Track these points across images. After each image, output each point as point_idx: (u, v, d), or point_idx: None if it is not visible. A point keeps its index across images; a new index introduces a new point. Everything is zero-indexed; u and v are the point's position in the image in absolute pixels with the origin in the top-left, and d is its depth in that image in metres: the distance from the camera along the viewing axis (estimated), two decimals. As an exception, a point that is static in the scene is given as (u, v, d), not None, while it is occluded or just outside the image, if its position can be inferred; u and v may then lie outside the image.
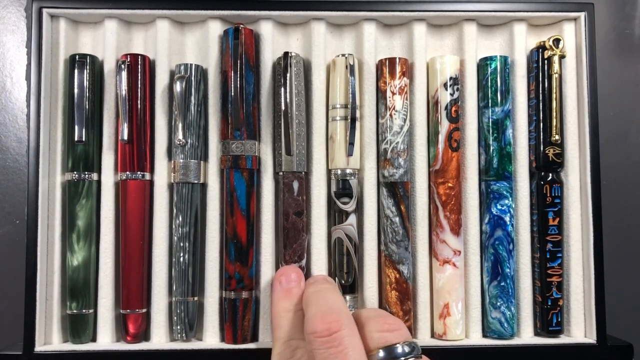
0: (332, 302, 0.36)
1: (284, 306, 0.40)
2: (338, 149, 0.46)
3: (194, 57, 0.48)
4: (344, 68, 0.46)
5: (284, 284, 0.41)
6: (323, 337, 0.33)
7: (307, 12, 0.47)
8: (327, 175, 0.47)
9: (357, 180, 0.46)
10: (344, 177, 0.46)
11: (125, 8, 0.46)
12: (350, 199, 0.46)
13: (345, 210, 0.46)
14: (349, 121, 0.45)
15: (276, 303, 0.40)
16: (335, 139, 0.46)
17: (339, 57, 0.46)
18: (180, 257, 0.45)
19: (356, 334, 0.34)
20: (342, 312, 0.35)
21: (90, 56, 0.46)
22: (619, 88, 0.51)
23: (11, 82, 0.48)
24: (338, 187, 0.46)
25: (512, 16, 0.47)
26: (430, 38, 0.48)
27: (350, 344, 0.33)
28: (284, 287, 0.41)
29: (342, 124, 0.46)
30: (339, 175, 0.46)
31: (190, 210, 0.45)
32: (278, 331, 0.39)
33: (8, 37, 0.48)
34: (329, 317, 0.34)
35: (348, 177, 0.46)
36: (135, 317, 0.45)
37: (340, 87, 0.46)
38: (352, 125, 0.44)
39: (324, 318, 0.34)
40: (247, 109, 0.45)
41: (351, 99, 0.44)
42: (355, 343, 0.33)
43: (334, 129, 0.46)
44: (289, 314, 0.39)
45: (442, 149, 0.46)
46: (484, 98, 0.47)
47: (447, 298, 0.45)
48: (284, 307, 0.40)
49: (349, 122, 0.45)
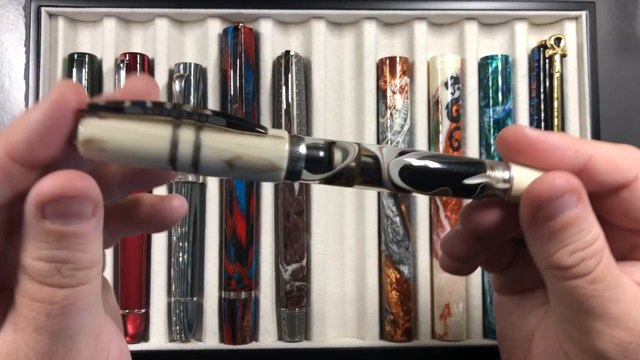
0: None
1: None
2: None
3: (193, 56, 0.48)
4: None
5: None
6: None
7: (307, 11, 0.46)
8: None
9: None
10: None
11: (124, 7, 0.46)
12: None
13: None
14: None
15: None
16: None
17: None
18: (179, 257, 0.44)
19: None
20: None
21: (89, 55, 0.46)
22: (620, 87, 0.51)
23: (10, 81, 0.47)
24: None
25: (513, 15, 0.47)
26: (431, 37, 0.48)
27: None
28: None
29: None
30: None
31: (190, 210, 0.45)
32: None
33: (6, 36, 0.47)
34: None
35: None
36: (134, 317, 0.44)
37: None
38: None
39: None
40: (246, 108, 0.45)
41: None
42: None
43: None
44: None
45: (443, 148, 0.46)
46: (484, 97, 0.47)
47: (448, 298, 0.45)
48: None
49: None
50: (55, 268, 0.19)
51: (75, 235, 0.19)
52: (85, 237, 0.19)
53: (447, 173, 0.22)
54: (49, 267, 0.19)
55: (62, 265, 0.19)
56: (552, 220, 0.22)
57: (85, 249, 0.19)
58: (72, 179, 0.18)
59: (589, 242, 0.22)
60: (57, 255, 0.19)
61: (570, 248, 0.22)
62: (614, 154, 0.23)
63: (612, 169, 0.23)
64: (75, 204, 0.18)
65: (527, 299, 0.28)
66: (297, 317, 0.45)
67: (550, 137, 0.23)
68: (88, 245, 0.19)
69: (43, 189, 0.18)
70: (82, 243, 0.19)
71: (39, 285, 0.19)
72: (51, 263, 0.18)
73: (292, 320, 0.45)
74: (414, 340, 0.45)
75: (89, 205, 0.19)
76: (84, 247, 0.19)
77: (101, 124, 0.19)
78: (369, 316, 0.45)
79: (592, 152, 0.23)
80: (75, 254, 0.19)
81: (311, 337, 0.45)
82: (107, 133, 0.19)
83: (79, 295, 0.19)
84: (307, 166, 0.21)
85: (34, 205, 0.18)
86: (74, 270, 0.19)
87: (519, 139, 0.23)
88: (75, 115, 0.19)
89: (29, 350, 0.19)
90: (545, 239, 0.22)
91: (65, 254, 0.19)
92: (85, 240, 0.19)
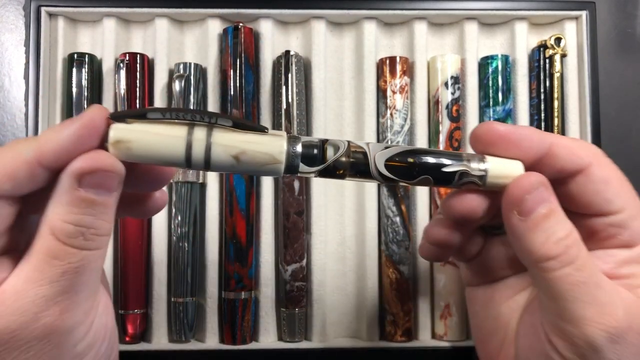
0: None
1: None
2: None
3: (193, 56, 0.48)
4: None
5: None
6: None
7: (307, 11, 0.46)
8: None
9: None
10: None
11: (124, 7, 0.46)
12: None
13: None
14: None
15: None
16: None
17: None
18: (179, 257, 0.44)
19: None
20: None
21: (88, 55, 0.46)
22: (620, 87, 0.50)
23: (9, 81, 0.47)
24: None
25: (513, 15, 0.47)
26: (431, 37, 0.48)
27: None
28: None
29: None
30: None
31: (190, 210, 0.45)
32: None
33: (6, 36, 0.47)
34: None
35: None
36: (134, 317, 0.44)
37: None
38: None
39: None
40: (246, 108, 0.45)
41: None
42: None
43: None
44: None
45: (443, 148, 0.46)
46: (485, 97, 0.47)
47: (448, 299, 0.45)
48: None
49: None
50: (79, 231, 0.22)
51: (102, 204, 0.23)
52: (108, 207, 0.23)
53: (427, 163, 0.25)
54: (75, 229, 0.22)
55: (86, 230, 0.23)
56: (532, 212, 0.25)
57: (106, 218, 0.23)
58: (106, 157, 0.22)
59: (568, 231, 0.25)
60: (83, 220, 0.22)
61: (555, 237, 0.25)
62: (572, 143, 0.27)
63: (570, 154, 0.26)
64: (107, 177, 0.23)
65: (497, 291, 0.30)
66: (297, 317, 0.45)
67: (517, 129, 0.26)
68: (108, 215, 0.23)
69: (84, 163, 0.22)
70: (104, 212, 0.23)
71: (62, 245, 0.22)
72: (77, 226, 0.22)
73: (292, 320, 0.45)
74: (414, 340, 0.45)
75: (116, 179, 0.23)
76: (106, 216, 0.23)
77: (128, 127, 0.22)
78: (369, 316, 0.45)
79: (553, 140, 0.26)
80: (98, 221, 0.23)
81: (311, 337, 0.45)
82: (133, 135, 0.22)
83: (92, 259, 0.23)
84: (304, 160, 0.24)
85: (73, 175, 0.22)
86: (94, 235, 0.23)
87: (491, 133, 0.26)
88: (104, 126, 0.23)
89: (37, 298, 0.22)
90: (530, 233, 0.25)
91: (90, 220, 0.23)
92: (108, 210, 0.23)
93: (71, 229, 0.22)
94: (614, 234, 0.26)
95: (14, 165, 0.22)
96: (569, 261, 0.24)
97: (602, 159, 0.27)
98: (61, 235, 0.22)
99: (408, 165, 0.25)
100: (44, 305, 0.22)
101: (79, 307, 0.23)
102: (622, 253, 0.27)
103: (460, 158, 0.25)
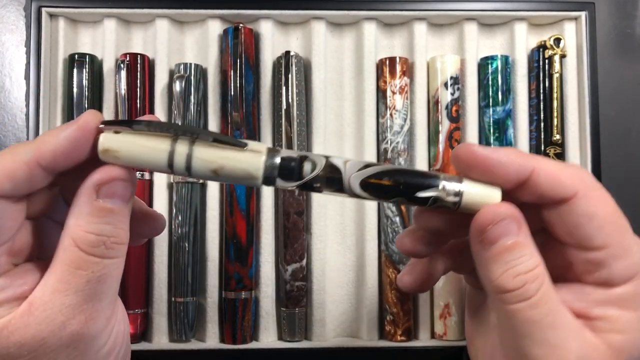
0: None
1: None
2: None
3: (193, 57, 0.48)
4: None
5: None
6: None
7: (307, 11, 0.46)
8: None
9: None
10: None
11: (125, 7, 0.46)
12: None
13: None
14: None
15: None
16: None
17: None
18: (179, 257, 0.45)
19: None
20: None
21: (89, 55, 0.46)
22: (619, 87, 0.51)
23: (10, 82, 0.47)
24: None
25: (512, 15, 0.47)
26: (431, 37, 0.48)
27: None
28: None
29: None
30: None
31: (190, 210, 0.45)
32: None
33: (7, 37, 0.47)
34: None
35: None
36: (135, 317, 0.44)
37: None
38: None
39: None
40: (246, 108, 0.45)
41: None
42: None
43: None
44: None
45: (443, 148, 0.46)
46: (484, 97, 0.47)
47: (447, 298, 0.45)
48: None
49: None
50: (101, 240, 0.23)
51: (120, 213, 0.24)
52: (125, 216, 0.24)
53: (401, 187, 0.25)
54: (96, 239, 0.23)
55: (107, 239, 0.24)
56: (495, 243, 0.24)
57: (124, 227, 0.24)
58: (118, 169, 0.24)
59: (530, 267, 0.24)
60: (104, 229, 0.24)
61: (513, 271, 0.24)
62: (557, 170, 0.25)
63: (553, 183, 0.25)
64: (121, 186, 0.24)
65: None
66: (297, 317, 0.45)
67: (496, 153, 0.25)
68: (124, 223, 0.25)
69: (100, 174, 0.24)
70: (122, 221, 0.24)
71: (85, 255, 0.23)
72: (99, 236, 0.23)
73: (292, 320, 0.45)
74: (413, 340, 0.45)
75: (129, 189, 0.24)
76: (123, 224, 0.24)
77: (116, 138, 0.24)
78: (369, 316, 0.45)
79: (535, 166, 0.25)
80: (117, 229, 0.24)
81: (311, 337, 0.45)
82: (120, 145, 0.24)
83: (113, 267, 0.24)
84: (280, 174, 0.25)
85: (91, 187, 0.24)
86: (115, 243, 0.24)
87: (469, 156, 0.25)
88: (96, 131, 0.24)
89: (63, 308, 0.23)
90: (491, 262, 0.24)
91: (110, 229, 0.24)
92: (124, 218, 0.24)
93: (93, 238, 0.23)
94: (592, 271, 0.25)
95: (13, 166, 0.23)
96: (524, 297, 0.24)
97: (591, 190, 0.25)
98: (83, 245, 0.23)
99: (383, 187, 0.25)
100: (70, 314, 0.23)
101: (103, 314, 0.24)
102: (597, 292, 0.25)
103: (437, 180, 0.25)
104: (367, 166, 0.25)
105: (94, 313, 0.24)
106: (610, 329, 0.25)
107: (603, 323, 0.25)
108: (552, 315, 0.24)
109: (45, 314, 0.23)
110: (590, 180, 0.25)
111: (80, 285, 0.23)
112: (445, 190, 0.25)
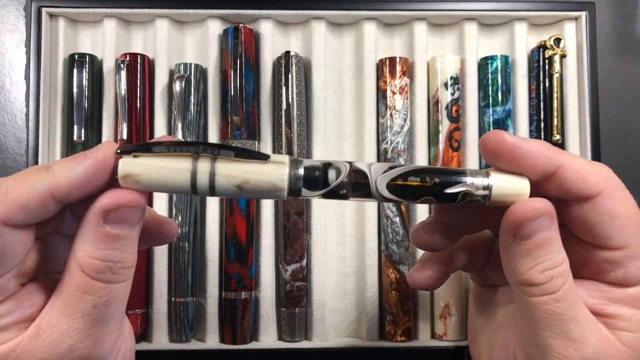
0: None
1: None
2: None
3: (193, 57, 0.48)
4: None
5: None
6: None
7: (307, 11, 0.46)
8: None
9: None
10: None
11: (125, 7, 0.46)
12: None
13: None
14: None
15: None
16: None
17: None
18: (179, 258, 0.45)
19: None
20: None
21: (89, 55, 0.46)
22: (620, 87, 0.51)
23: (10, 82, 0.47)
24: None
25: (513, 15, 0.47)
26: (431, 37, 0.48)
27: None
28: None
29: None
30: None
31: (190, 211, 0.45)
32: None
33: (7, 37, 0.47)
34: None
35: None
36: (135, 317, 0.44)
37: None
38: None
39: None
40: (246, 108, 0.45)
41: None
42: None
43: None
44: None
45: (443, 148, 0.46)
46: (484, 97, 0.47)
47: (447, 298, 0.45)
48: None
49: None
50: (107, 266, 0.23)
51: (127, 238, 0.24)
52: (132, 240, 0.24)
53: (429, 186, 0.25)
54: (102, 265, 0.23)
55: (113, 265, 0.23)
56: (529, 238, 0.24)
57: (131, 251, 0.24)
58: (127, 194, 0.23)
59: (558, 263, 0.24)
60: (111, 255, 0.23)
61: (542, 266, 0.24)
62: (584, 167, 0.25)
63: (579, 180, 0.25)
64: (129, 212, 0.23)
65: (498, 294, 0.30)
66: (297, 317, 0.45)
67: (525, 143, 0.25)
68: (133, 247, 0.24)
69: (108, 200, 0.23)
70: (129, 245, 0.24)
71: (91, 280, 0.23)
72: (105, 262, 0.23)
73: (292, 320, 0.45)
74: (413, 340, 0.45)
75: (138, 213, 0.24)
76: (130, 249, 0.24)
77: (135, 162, 0.23)
78: (369, 316, 0.45)
79: (563, 161, 0.25)
80: (124, 254, 0.24)
81: (311, 337, 0.45)
82: (140, 169, 0.23)
83: (120, 290, 0.24)
84: (306, 185, 0.24)
85: (98, 213, 0.23)
86: (121, 268, 0.24)
87: (498, 144, 0.25)
88: (114, 159, 0.23)
89: (71, 331, 0.23)
90: (521, 256, 0.24)
91: (117, 254, 0.24)
92: (132, 243, 0.24)
93: (99, 264, 0.23)
94: (608, 270, 0.25)
95: (27, 197, 0.23)
96: (549, 291, 0.24)
97: (616, 190, 0.25)
98: (89, 271, 0.23)
99: (410, 187, 0.25)
100: (77, 338, 0.23)
101: (110, 336, 0.24)
102: (613, 291, 0.26)
103: (464, 176, 0.25)
104: (392, 168, 0.25)
105: (101, 336, 0.24)
106: (624, 327, 0.25)
107: (616, 321, 0.25)
108: (574, 310, 0.24)
109: (53, 337, 0.23)
110: (616, 180, 0.25)
111: (87, 310, 0.23)
112: (474, 185, 0.25)
